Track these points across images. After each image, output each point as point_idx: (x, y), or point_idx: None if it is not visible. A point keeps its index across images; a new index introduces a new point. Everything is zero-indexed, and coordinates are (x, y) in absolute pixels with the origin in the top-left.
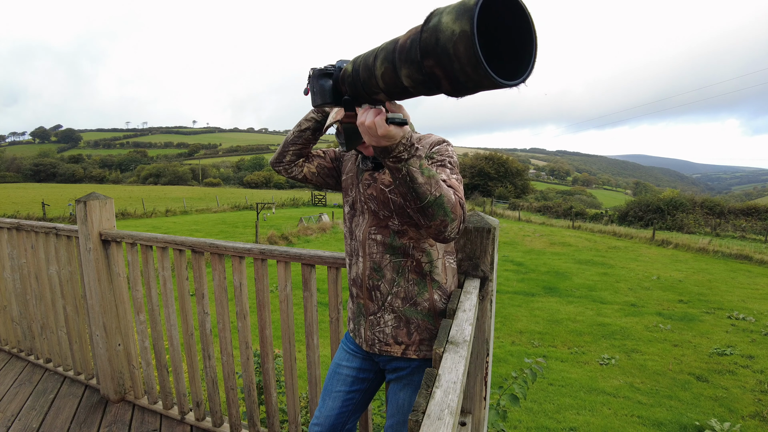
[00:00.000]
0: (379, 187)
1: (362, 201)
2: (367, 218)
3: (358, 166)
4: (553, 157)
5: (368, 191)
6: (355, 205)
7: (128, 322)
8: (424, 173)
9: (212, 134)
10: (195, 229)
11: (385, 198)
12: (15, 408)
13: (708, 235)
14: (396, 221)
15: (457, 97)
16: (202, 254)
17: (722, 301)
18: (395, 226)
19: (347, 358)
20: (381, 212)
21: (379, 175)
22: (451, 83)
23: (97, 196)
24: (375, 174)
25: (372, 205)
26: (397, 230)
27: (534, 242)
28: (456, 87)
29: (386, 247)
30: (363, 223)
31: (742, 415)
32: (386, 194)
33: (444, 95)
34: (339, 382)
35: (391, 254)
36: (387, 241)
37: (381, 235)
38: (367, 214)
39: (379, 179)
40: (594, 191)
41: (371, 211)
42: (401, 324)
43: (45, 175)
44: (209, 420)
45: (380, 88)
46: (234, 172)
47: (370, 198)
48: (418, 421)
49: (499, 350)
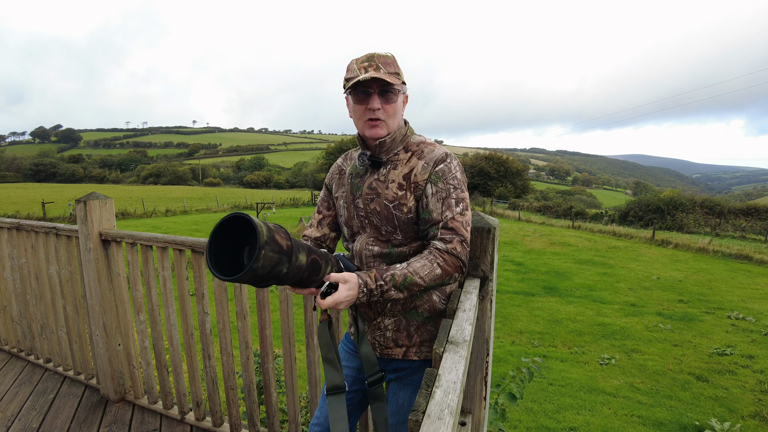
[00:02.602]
0: (383, 203)
1: (361, 217)
2: (367, 231)
3: (351, 176)
4: (553, 157)
5: (371, 206)
6: (351, 223)
7: (128, 322)
8: (402, 290)
9: (212, 134)
10: (195, 229)
11: (389, 214)
12: (15, 408)
13: (708, 235)
14: (399, 236)
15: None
16: (202, 254)
17: (722, 301)
18: (397, 241)
19: (347, 358)
20: (384, 228)
21: (382, 190)
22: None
23: (97, 196)
24: (377, 189)
25: (375, 220)
26: (398, 243)
27: (534, 242)
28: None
29: (384, 257)
30: (363, 236)
31: (742, 415)
32: (390, 210)
33: None
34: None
35: (388, 263)
36: (385, 251)
37: (378, 247)
38: (368, 228)
39: (382, 195)
40: (594, 191)
41: (373, 225)
42: (401, 327)
43: (45, 174)
44: (209, 420)
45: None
46: (234, 172)
47: (373, 213)
48: (418, 421)
49: (499, 350)
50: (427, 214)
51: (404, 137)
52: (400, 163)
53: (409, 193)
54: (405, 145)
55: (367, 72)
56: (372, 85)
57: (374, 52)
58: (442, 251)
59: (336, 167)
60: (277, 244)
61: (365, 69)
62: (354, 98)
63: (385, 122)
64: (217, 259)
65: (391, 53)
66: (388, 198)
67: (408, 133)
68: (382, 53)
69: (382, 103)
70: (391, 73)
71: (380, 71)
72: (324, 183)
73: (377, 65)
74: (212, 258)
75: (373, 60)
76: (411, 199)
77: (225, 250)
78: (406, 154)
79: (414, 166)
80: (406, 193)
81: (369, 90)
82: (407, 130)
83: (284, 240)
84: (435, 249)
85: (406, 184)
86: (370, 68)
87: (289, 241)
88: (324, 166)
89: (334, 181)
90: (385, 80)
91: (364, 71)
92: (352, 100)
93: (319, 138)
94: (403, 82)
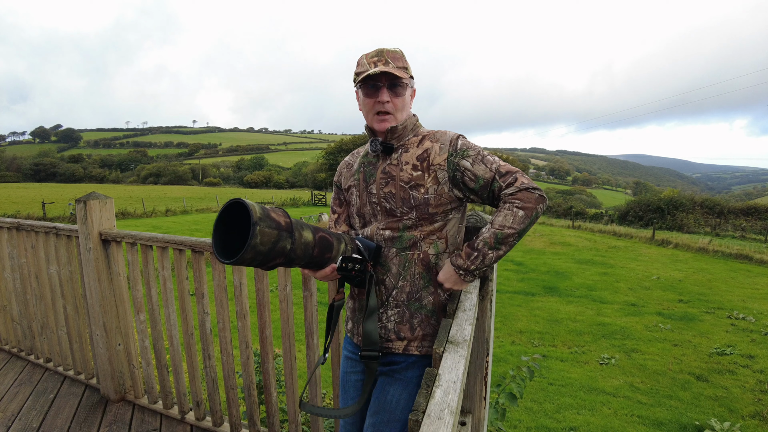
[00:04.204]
0: (398, 185)
1: (374, 203)
2: (379, 219)
3: (364, 165)
4: (553, 157)
5: (385, 189)
6: (363, 211)
7: (128, 322)
8: (499, 247)
9: (212, 134)
10: (195, 228)
11: (406, 195)
12: (15, 408)
13: (708, 234)
14: (414, 215)
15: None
16: (202, 254)
17: (722, 300)
18: (410, 221)
19: (351, 364)
20: (399, 209)
21: (396, 173)
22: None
23: (97, 196)
24: (391, 172)
25: (388, 204)
26: (410, 225)
27: (534, 242)
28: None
29: (394, 240)
30: (374, 224)
31: (742, 415)
32: (407, 191)
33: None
34: (350, 389)
35: (398, 248)
36: (396, 234)
37: (390, 230)
38: (380, 215)
39: (397, 177)
40: (594, 191)
41: (385, 210)
42: (404, 319)
43: (45, 174)
44: (209, 419)
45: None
46: (234, 172)
47: (388, 196)
48: (418, 420)
49: (499, 350)
50: (480, 180)
51: (414, 126)
52: (412, 146)
53: (427, 174)
54: (415, 132)
55: (376, 66)
56: (381, 79)
57: (383, 48)
58: (514, 194)
59: (344, 163)
60: (273, 220)
61: (375, 63)
62: (364, 91)
63: (394, 115)
64: (223, 249)
65: (400, 49)
66: (404, 179)
67: (417, 123)
68: (390, 48)
69: (391, 97)
70: (399, 67)
71: (389, 65)
72: (333, 182)
73: (386, 60)
74: (218, 247)
75: (383, 55)
76: (429, 180)
77: (230, 243)
78: (416, 138)
79: (428, 148)
80: (424, 174)
81: (378, 84)
82: (417, 121)
83: (282, 217)
84: (508, 196)
85: (420, 165)
86: (380, 63)
87: (287, 219)
88: (324, 166)
89: (343, 175)
90: (393, 74)
91: (373, 65)
92: (362, 94)
93: (319, 138)
94: (411, 76)
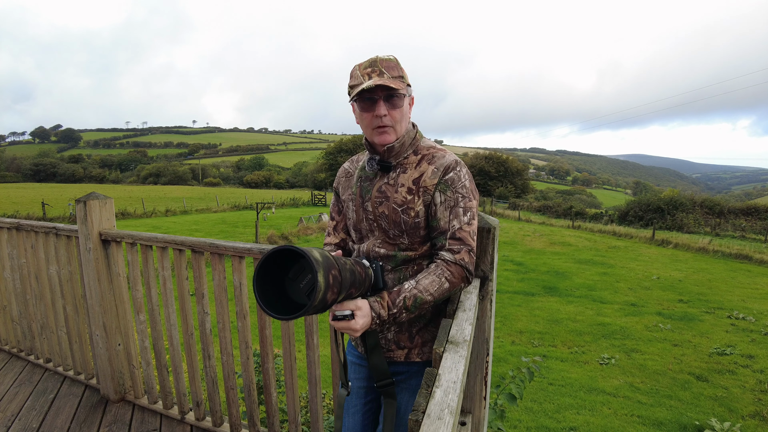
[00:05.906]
0: (391, 207)
1: (370, 220)
2: (375, 235)
3: (360, 179)
4: (553, 157)
5: (380, 209)
6: (359, 226)
7: (128, 322)
8: (413, 311)
9: (212, 134)
10: (195, 228)
11: (398, 218)
12: (15, 408)
13: (708, 234)
14: (405, 240)
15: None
16: (202, 254)
17: (722, 300)
18: (404, 245)
19: (355, 370)
20: (391, 231)
21: (391, 193)
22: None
23: (97, 196)
24: (386, 192)
25: (383, 223)
26: (405, 247)
27: (534, 242)
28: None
29: (389, 258)
30: (371, 239)
31: (742, 415)
32: (398, 214)
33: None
34: (353, 396)
35: (393, 265)
36: (391, 254)
37: (385, 249)
38: (376, 231)
39: (391, 198)
40: (594, 191)
41: (381, 228)
42: (403, 328)
43: (45, 174)
44: (209, 420)
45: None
46: (234, 172)
47: (382, 216)
48: (418, 420)
49: (499, 350)
50: (435, 222)
51: (413, 140)
52: (410, 166)
53: (417, 197)
54: (415, 148)
55: (370, 78)
56: (377, 92)
57: (377, 57)
58: (449, 263)
59: (343, 171)
60: (336, 286)
61: (369, 75)
62: (360, 106)
63: (393, 128)
64: (264, 292)
65: (394, 56)
66: (397, 202)
67: (417, 136)
68: (384, 57)
69: (389, 109)
70: (395, 77)
71: (384, 76)
72: (333, 188)
73: (380, 70)
74: (262, 298)
75: (376, 65)
76: (419, 203)
77: (267, 280)
78: (415, 157)
79: (424, 171)
80: (415, 198)
81: (374, 97)
82: (416, 134)
83: (337, 272)
84: (443, 261)
85: (415, 189)
86: (374, 74)
87: (339, 274)
88: (324, 166)
89: (341, 185)
90: (389, 86)
91: (367, 77)
92: (358, 108)
93: (319, 138)
94: (408, 84)
